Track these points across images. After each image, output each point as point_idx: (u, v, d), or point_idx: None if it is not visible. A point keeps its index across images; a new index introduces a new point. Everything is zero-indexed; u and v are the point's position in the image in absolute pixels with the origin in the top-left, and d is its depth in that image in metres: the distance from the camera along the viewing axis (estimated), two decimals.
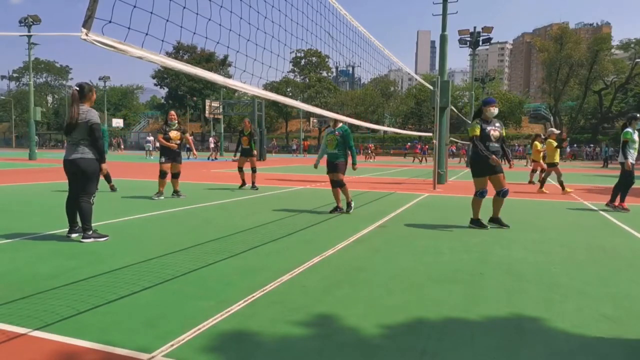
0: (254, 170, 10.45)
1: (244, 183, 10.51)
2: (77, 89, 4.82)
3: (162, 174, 8.38)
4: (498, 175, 5.83)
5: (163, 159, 8.40)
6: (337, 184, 7.00)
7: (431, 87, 13.00)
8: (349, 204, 7.08)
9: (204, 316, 2.70)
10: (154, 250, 4.35)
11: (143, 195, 9.00)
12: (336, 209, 7.07)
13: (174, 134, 8.40)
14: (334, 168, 7.04)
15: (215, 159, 30.06)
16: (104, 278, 3.43)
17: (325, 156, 7.32)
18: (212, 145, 32.44)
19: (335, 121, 7.15)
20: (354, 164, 7.29)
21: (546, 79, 57.32)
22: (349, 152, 7.13)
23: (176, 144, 8.48)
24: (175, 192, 8.61)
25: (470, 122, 6.24)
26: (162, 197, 8.34)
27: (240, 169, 10.49)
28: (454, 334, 2.54)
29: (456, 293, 3.24)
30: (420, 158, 32.01)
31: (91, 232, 4.77)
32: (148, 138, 34.69)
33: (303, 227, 5.73)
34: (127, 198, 8.38)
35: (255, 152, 10.51)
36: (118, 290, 3.13)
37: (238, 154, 10.80)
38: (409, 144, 40.86)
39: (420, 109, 59.69)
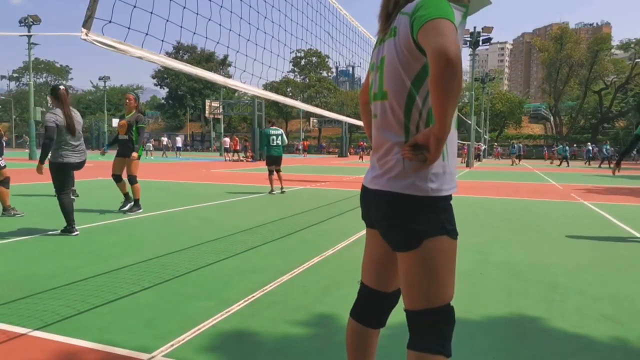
0: (131, 180, 6.61)
1: (127, 197, 6.68)
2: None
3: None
4: None
5: None
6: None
7: None
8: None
9: (204, 316, 2.70)
10: (154, 250, 4.35)
11: (142, 195, 8.99)
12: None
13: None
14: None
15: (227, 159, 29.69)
16: (104, 278, 3.43)
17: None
18: (226, 146, 32.12)
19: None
20: None
21: (546, 79, 57.35)
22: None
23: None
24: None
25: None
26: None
27: (117, 177, 6.70)
28: (453, 334, 2.54)
29: (456, 293, 3.22)
30: None
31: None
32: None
33: (303, 227, 5.73)
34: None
35: (135, 149, 6.57)
36: (118, 290, 3.13)
37: (106, 149, 7.16)
38: None
39: None
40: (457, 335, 2.51)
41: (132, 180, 6.64)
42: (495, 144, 49.55)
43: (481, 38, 26.83)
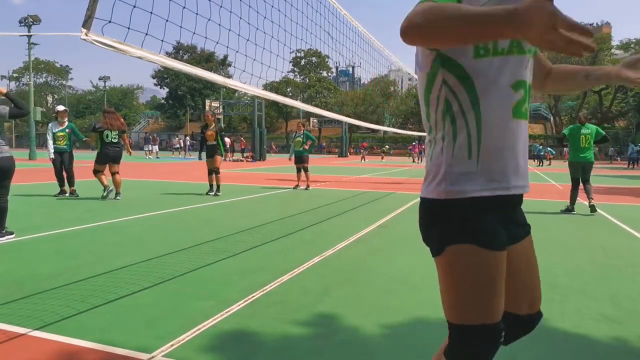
0: (216, 171, 9.05)
1: (211, 187, 9.19)
2: None
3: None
4: None
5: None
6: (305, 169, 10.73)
7: None
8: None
9: (204, 316, 2.70)
10: (153, 250, 4.35)
11: (143, 194, 9.01)
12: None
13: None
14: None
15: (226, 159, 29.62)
16: (104, 278, 3.43)
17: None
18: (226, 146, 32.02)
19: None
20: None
21: None
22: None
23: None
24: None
25: None
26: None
27: (210, 171, 9.16)
28: None
29: None
30: (415, 158, 32.39)
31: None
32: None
33: (303, 227, 5.73)
34: (127, 198, 8.37)
35: (221, 151, 9.22)
36: (118, 290, 3.14)
37: (204, 154, 9.31)
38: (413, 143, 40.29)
39: None
40: None
41: (217, 171, 9.05)
42: None
43: None
